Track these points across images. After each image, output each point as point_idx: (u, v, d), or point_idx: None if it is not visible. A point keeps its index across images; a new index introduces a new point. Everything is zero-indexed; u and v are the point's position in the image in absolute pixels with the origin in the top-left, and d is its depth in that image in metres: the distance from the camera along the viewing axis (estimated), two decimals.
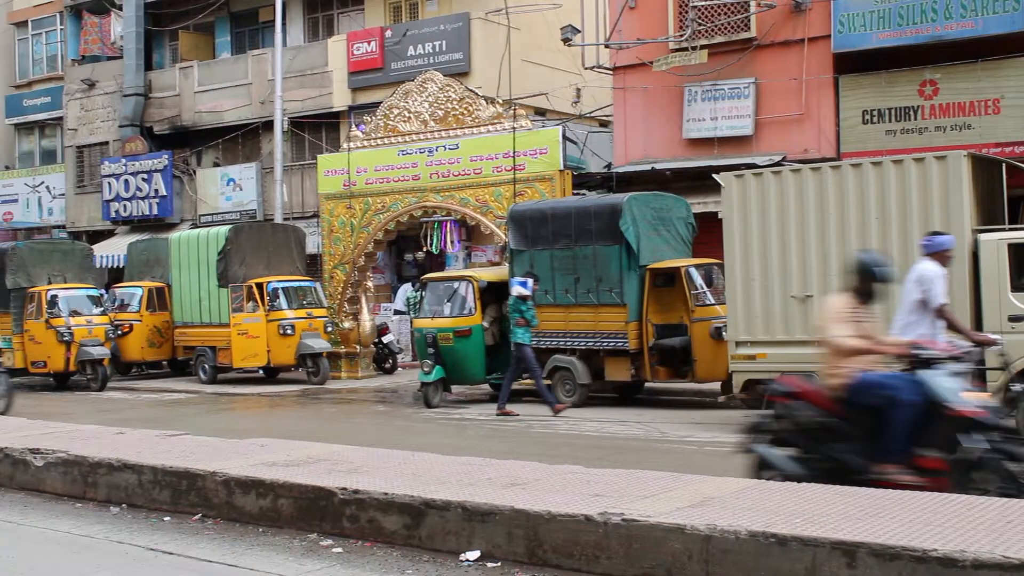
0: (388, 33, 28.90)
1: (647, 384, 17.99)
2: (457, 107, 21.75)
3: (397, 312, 26.59)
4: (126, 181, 33.47)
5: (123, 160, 33.56)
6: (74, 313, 23.57)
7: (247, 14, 33.46)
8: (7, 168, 38.53)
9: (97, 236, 34.28)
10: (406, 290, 27.87)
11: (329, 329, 22.89)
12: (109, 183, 33.85)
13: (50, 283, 24.09)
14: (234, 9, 33.35)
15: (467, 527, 7.98)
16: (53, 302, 23.48)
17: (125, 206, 33.62)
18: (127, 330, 24.88)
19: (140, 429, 13.68)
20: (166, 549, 8.66)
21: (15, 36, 38.54)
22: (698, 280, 16.83)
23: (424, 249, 27.68)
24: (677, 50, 22.43)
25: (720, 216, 15.29)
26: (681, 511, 7.34)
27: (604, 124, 27.90)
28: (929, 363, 7.89)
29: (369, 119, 23.55)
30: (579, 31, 23.82)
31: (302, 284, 23.55)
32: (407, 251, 29.51)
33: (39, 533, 9.51)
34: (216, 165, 32.92)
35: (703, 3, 22.13)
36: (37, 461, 11.38)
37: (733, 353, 14.29)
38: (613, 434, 14.29)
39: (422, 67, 26.10)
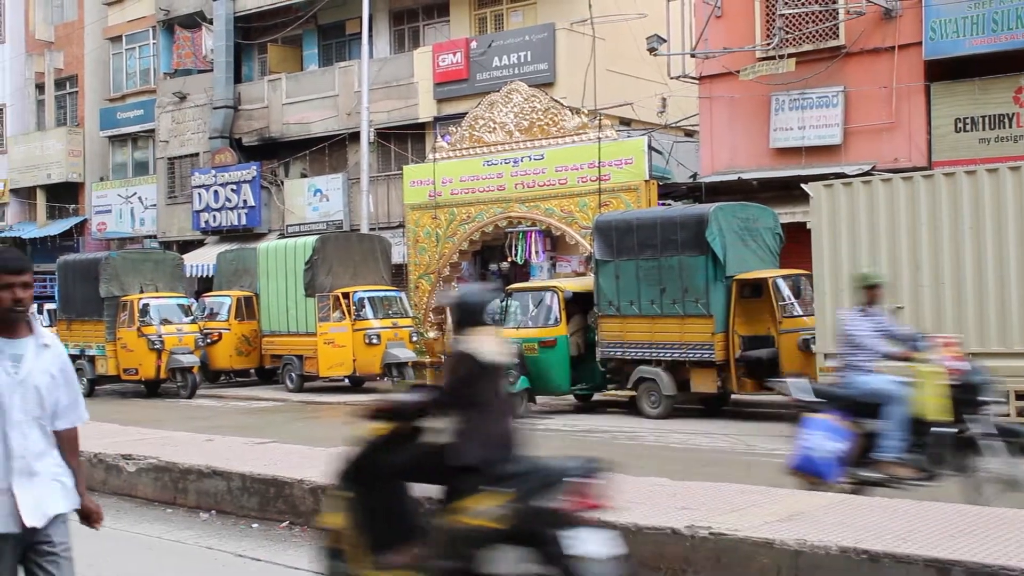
0: (473, 44, 29.01)
1: (733, 396, 17.80)
2: (542, 117, 21.77)
3: None
4: (215, 192, 33.98)
5: (213, 171, 34.08)
6: (165, 322, 23.96)
7: (334, 27, 33.81)
8: (101, 179, 39.33)
9: (187, 246, 34.84)
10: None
11: (414, 339, 22.99)
12: (199, 194, 34.39)
13: (142, 292, 24.53)
14: (322, 22, 33.72)
15: None
16: (145, 311, 23.90)
17: (214, 216, 34.13)
18: (216, 339, 25.23)
19: (229, 436, 13.85)
20: (254, 555, 8.75)
21: (110, 51, 39.34)
22: (786, 291, 16.63)
23: (508, 259, 27.70)
24: (764, 59, 22.22)
25: (808, 226, 15.10)
26: (769, 525, 7.24)
27: (689, 134, 27.70)
28: None
29: (455, 130, 23.66)
30: (665, 40, 23.69)
31: (388, 294, 23.69)
32: (492, 261, 29.55)
33: (131, 538, 9.65)
34: (303, 176, 33.28)
35: (791, 11, 21.90)
36: (129, 467, 11.57)
37: (822, 365, 14.09)
38: (699, 446, 14.16)
39: (507, 78, 26.17)
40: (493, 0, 30.46)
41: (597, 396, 19.33)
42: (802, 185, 15.02)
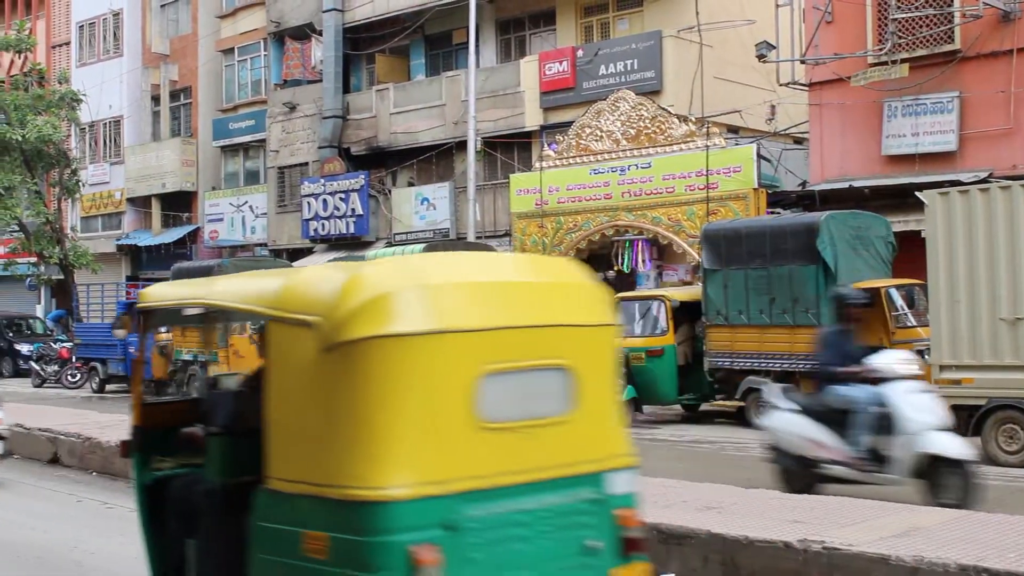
0: (580, 53, 29.00)
1: None
2: (649, 125, 21.69)
3: None
4: (324, 200, 34.43)
5: (322, 180, 34.55)
6: None
7: (441, 37, 34.07)
8: (214, 188, 40.13)
9: (296, 254, 35.35)
10: None
11: None
12: (308, 202, 34.89)
13: None
14: (429, 32, 34.00)
15: (662, 549, 7.90)
16: None
17: (323, 225, 34.59)
18: None
19: None
20: None
21: (223, 63, 40.15)
22: (899, 301, 16.32)
23: (615, 268, 27.60)
24: (876, 64, 21.85)
25: (923, 235, 14.79)
26: (885, 541, 7.11)
27: (799, 141, 27.35)
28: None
29: (561, 138, 23.67)
30: (774, 47, 23.43)
31: None
32: (598, 270, 29.48)
33: None
34: (410, 185, 33.57)
35: (904, 15, 21.51)
36: None
37: (937, 377, 13.77)
38: None
39: (614, 86, 26.10)
40: (599, 8, 30.42)
41: (705, 406, 19.17)
42: (916, 193, 14.71)
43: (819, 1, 22.74)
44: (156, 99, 42.17)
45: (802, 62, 23.45)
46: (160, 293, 6.53)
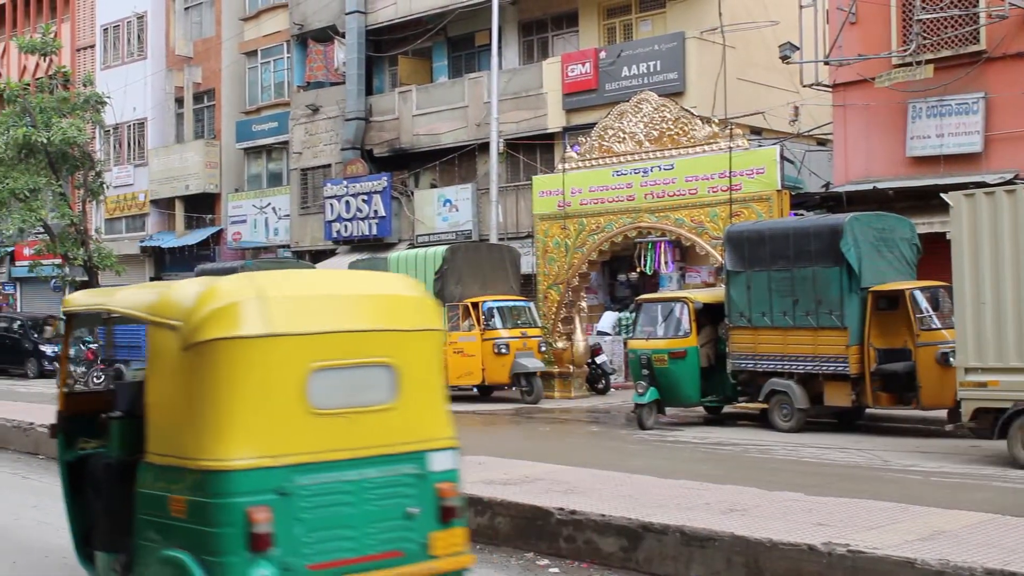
0: (602, 54, 29.00)
1: (868, 410, 17.42)
2: (672, 127, 21.62)
3: (600, 333, 26.53)
4: (347, 202, 34.52)
5: (344, 182, 34.64)
6: None
7: (464, 39, 34.12)
8: (237, 190, 40.28)
9: (319, 255, 35.46)
10: (612, 314, 27.84)
11: (543, 349, 23.01)
12: (331, 204, 34.98)
13: None
14: (451, 34, 34.05)
15: (685, 552, 7.89)
16: None
17: (346, 226, 34.67)
18: None
19: None
20: None
21: (246, 65, 40.30)
22: (923, 303, 16.22)
23: (638, 270, 27.58)
24: (901, 65, 21.75)
25: (948, 237, 14.70)
26: (910, 544, 7.07)
27: (822, 143, 27.27)
28: None
29: (584, 140, 23.64)
30: (797, 48, 23.34)
31: (517, 304, 23.75)
32: (620, 271, 29.48)
33: None
34: (433, 186, 33.62)
35: (929, 16, 21.40)
36: None
37: (962, 380, 13.67)
38: (833, 461, 13.89)
39: (636, 87, 26.07)
40: (622, 10, 30.41)
41: (727, 408, 19.10)
42: (941, 195, 14.61)
43: (843, 2, 22.65)
44: (180, 101, 42.37)
45: (826, 63, 23.36)
46: (79, 300, 7.81)
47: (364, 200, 34.09)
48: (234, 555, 5.62)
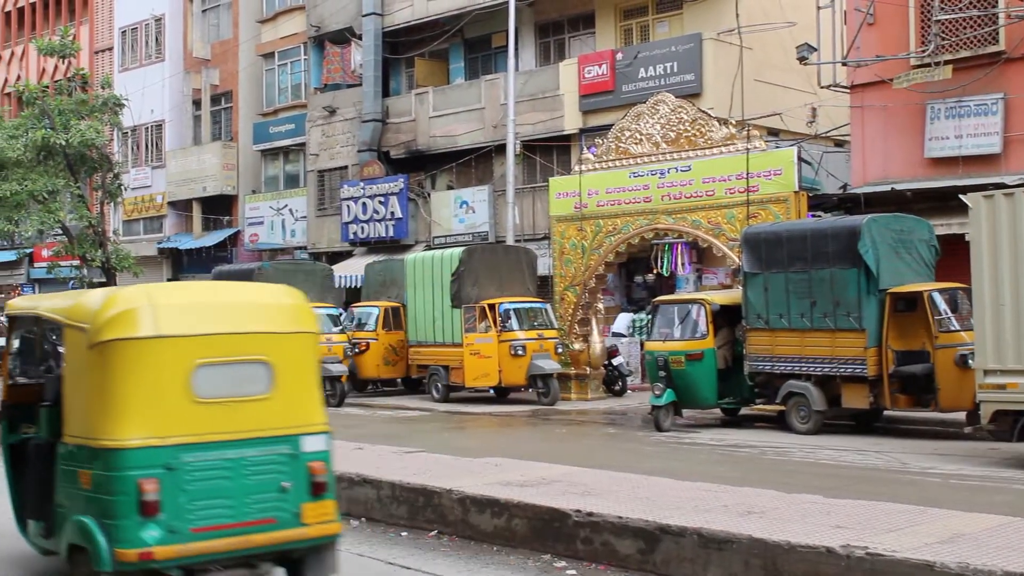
0: (619, 56, 28.97)
1: (886, 412, 17.35)
2: (689, 128, 21.57)
3: (615, 334, 26.49)
4: (364, 204, 34.57)
5: (361, 184, 34.68)
6: None
7: (480, 40, 34.13)
8: (254, 192, 40.36)
9: (336, 257, 35.50)
10: (626, 315, 27.81)
11: (559, 350, 22.99)
12: (348, 206, 35.03)
13: None
14: (468, 36, 34.07)
15: (703, 554, 7.86)
16: None
17: (363, 228, 34.72)
18: (364, 348, 25.61)
19: (377, 445, 14.05)
20: (404, 564, 8.84)
21: (263, 67, 40.39)
22: (942, 305, 16.14)
23: (654, 271, 27.54)
24: (919, 66, 21.66)
25: (967, 238, 14.63)
26: (929, 547, 7.04)
27: (840, 144, 27.18)
28: None
29: (600, 141, 23.61)
30: (815, 49, 23.27)
31: (533, 305, 23.73)
32: (637, 273, 29.44)
33: None
34: (450, 188, 33.64)
35: (947, 17, 21.31)
36: None
37: (981, 382, 13.60)
38: (850, 463, 13.83)
39: (653, 89, 26.04)
40: (639, 11, 30.39)
41: (744, 410, 19.06)
42: (960, 196, 14.54)
43: (861, 3, 22.59)
44: (197, 103, 42.49)
45: (844, 64, 23.28)
46: (18, 304, 9.09)
47: (381, 202, 34.13)
48: (127, 519, 6.83)
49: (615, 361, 24.27)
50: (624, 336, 26.47)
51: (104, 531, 6.89)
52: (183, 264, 41.98)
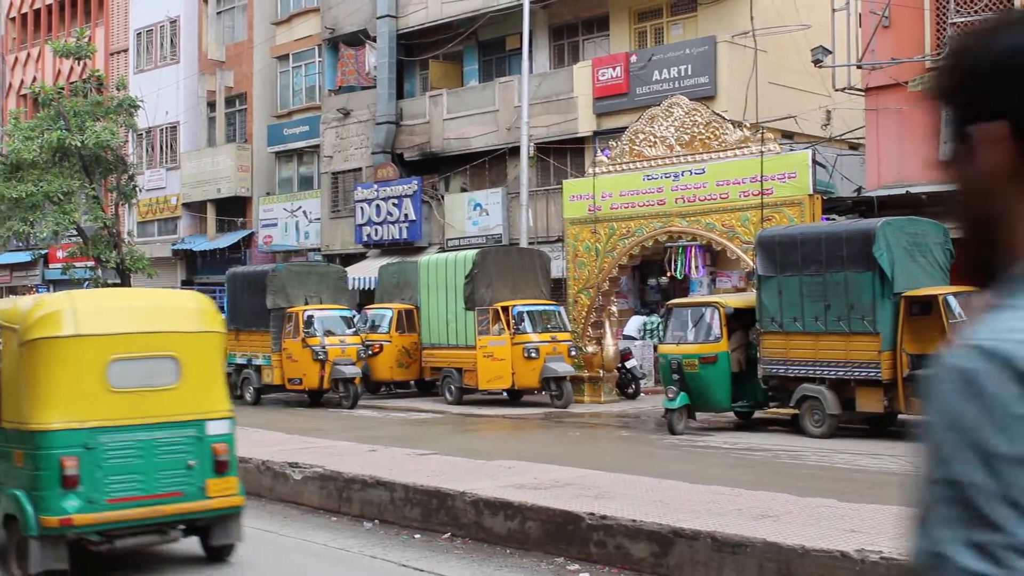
0: (633, 58, 28.95)
1: (900, 416, 17.30)
2: (703, 131, 21.54)
3: (626, 337, 26.47)
4: (377, 206, 34.60)
5: (375, 186, 34.72)
6: (329, 333, 24.46)
7: (494, 43, 34.14)
8: (268, 194, 40.43)
9: (350, 259, 35.53)
10: (638, 318, 27.78)
11: (573, 353, 22.98)
12: (361, 208, 35.07)
13: (307, 304, 25.10)
14: (482, 38, 34.08)
15: (716, 558, 7.85)
16: (309, 322, 24.45)
17: (376, 230, 34.75)
18: (377, 350, 25.64)
19: (391, 447, 14.05)
20: (417, 566, 8.84)
21: (277, 69, 40.48)
22: (957, 308, 16.09)
23: (668, 274, 27.51)
24: (934, 69, 21.57)
25: None
26: None
27: (854, 147, 27.11)
28: None
29: (614, 144, 23.60)
30: (830, 52, 23.22)
31: (547, 308, 23.72)
32: (651, 276, 29.41)
33: (297, 544, 9.85)
34: (463, 190, 33.65)
35: (963, 19, 21.25)
36: (296, 475, 11.81)
37: None
38: (864, 467, 13.80)
39: (667, 91, 26.01)
40: (653, 14, 30.37)
41: (758, 413, 19.03)
42: None
43: (876, 5, 22.53)
44: (212, 105, 42.58)
45: (859, 67, 23.24)
46: None
47: (395, 204, 34.16)
48: (50, 491, 8.01)
49: (628, 364, 24.25)
50: (635, 338, 26.45)
51: (32, 501, 8.04)
52: (197, 265, 42.09)
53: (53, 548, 8.08)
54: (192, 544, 9.15)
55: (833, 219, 21.90)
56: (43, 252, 43.33)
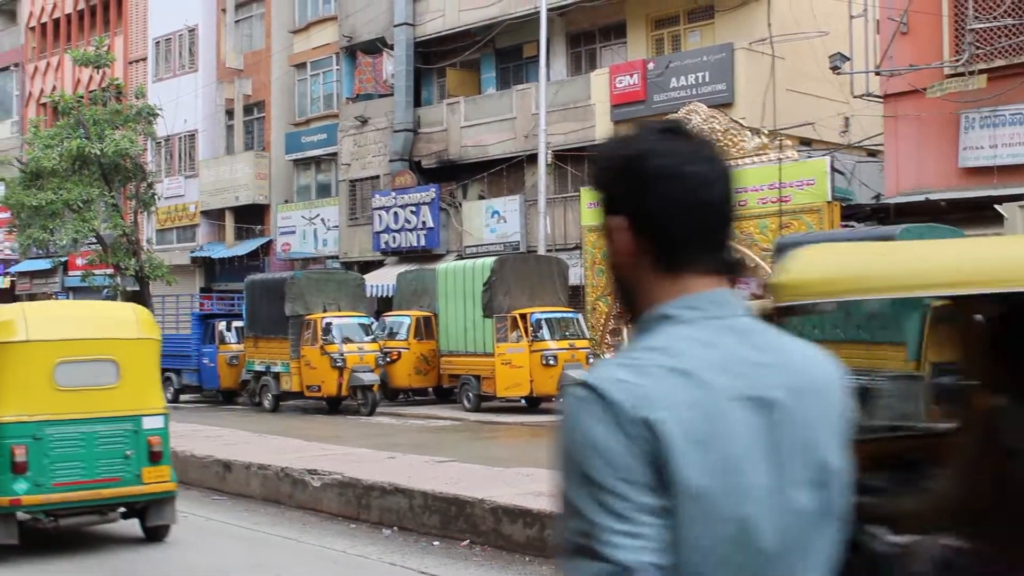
0: (650, 65, 28.94)
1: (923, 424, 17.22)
2: (721, 138, 21.53)
3: None
4: (395, 213, 34.64)
5: (393, 193, 34.77)
6: (347, 340, 24.50)
7: (511, 50, 34.17)
8: (286, 202, 40.52)
9: (368, 266, 35.58)
10: None
11: (591, 360, 22.96)
12: (379, 215, 35.12)
13: (325, 311, 25.15)
14: (499, 46, 34.12)
15: None
16: (328, 329, 24.50)
17: (394, 237, 34.79)
18: (395, 357, 25.67)
19: (409, 455, 14.06)
20: (436, 573, 8.83)
21: (295, 77, 40.59)
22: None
23: None
24: (953, 75, 21.52)
25: None
26: None
27: (872, 153, 27.02)
28: None
29: None
30: (848, 58, 23.17)
31: (565, 315, 23.72)
32: None
33: (317, 551, 9.86)
34: (481, 198, 33.67)
35: (982, 26, 21.18)
36: (315, 482, 11.83)
37: None
38: None
39: (685, 99, 26.00)
40: (670, 21, 30.34)
41: None
42: (995, 205, 14.47)
43: (894, 12, 22.47)
44: (230, 113, 42.73)
45: (877, 73, 23.16)
46: None
47: (412, 211, 34.20)
48: (2, 475, 9.24)
49: None
50: None
51: None
52: (216, 273, 42.21)
53: (4, 525, 9.32)
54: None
55: (852, 226, 21.85)
56: (63, 260, 43.54)
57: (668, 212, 1.91)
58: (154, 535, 10.29)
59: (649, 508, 1.64)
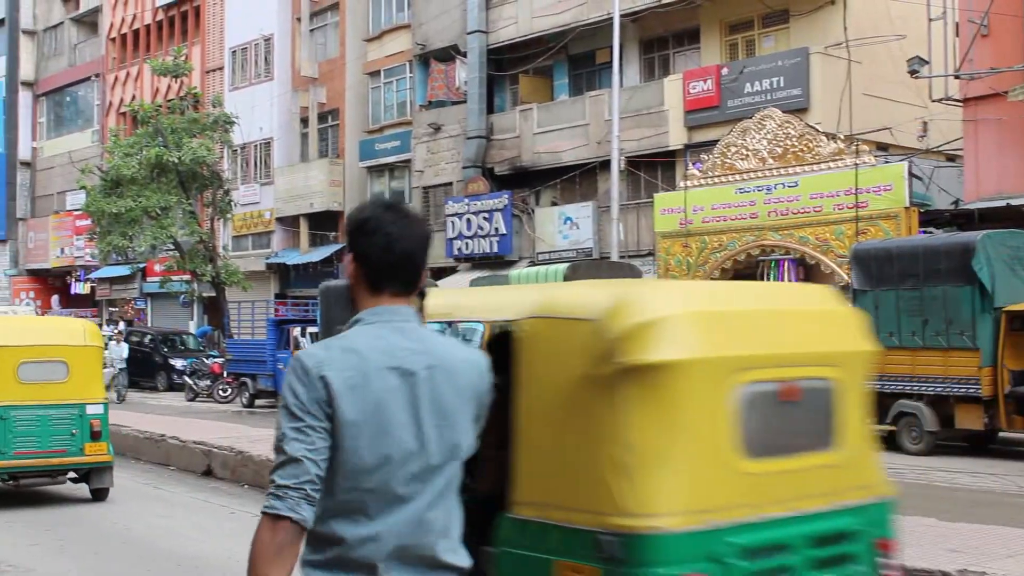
0: (724, 71, 28.73)
1: (1001, 434, 16.93)
2: (796, 144, 21.35)
3: None
4: (468, 220, 34.75)
5: (466, 200, 34.87)
6: None
7: (584, 57, 34.13)
8: None
9: (440, 273, 35.68)
10: None
11: None
12: (452, 222, 35.24)
13: None
14: (572, 52, 34.09)
15: None
16: None
17: (467, 244, 34.90)
18: None
19: None
20: None
21: (369, 85, 40.87)
22: None
23: None
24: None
25: None
26: None
27: (951, 158, 26.61)
28: None
29: (706, 157, 23.48)
30: (927, 62, 22.86)
31: None
32: None
33: None
34: (554, 204, 33.66)
35: None
36: None
37: None
38: (964, 486, 13.52)
39: (759, 104, 25.79)
40: (745, 26, 30.12)
41: None
42: None
43: (974, 14, 22.14)
44: (304, 121, 43.14)
45: (956, 77, 22.83)
46: None
47: (485, 218, 34.28)
48: None
49: None
50: None
51: None
52: (290, 279, 42.62)
53: None
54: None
55: (931, 232, 21.54)
56: (141, 266, 44.28)
57: (373, 255, 2.98)
58: (97, 496, 13.35)
59: (319, 428, 2.75)
